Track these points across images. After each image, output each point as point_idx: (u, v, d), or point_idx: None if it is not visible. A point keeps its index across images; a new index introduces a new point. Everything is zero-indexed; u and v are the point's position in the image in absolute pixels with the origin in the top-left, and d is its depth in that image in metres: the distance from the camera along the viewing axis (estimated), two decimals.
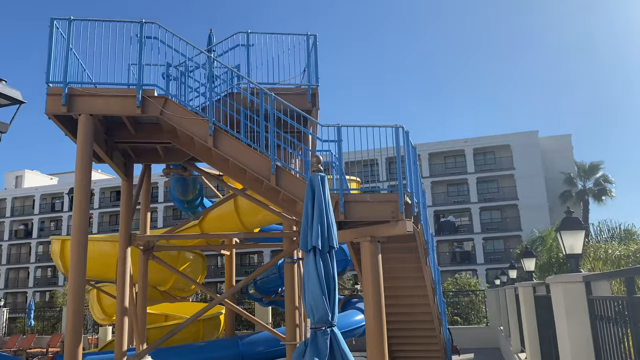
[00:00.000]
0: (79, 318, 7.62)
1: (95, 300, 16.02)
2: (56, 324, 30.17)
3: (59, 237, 14.72)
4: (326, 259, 3.38)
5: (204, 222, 14.80)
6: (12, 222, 63.38)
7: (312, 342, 3.28)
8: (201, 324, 16.28)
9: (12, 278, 62.03)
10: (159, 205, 57.22)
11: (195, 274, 15.14)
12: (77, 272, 7.73)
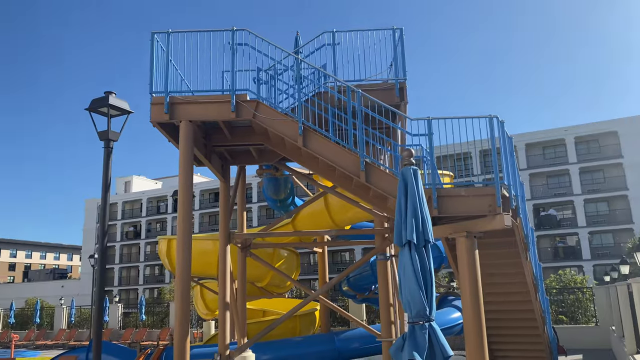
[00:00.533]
0: (186, 312, 8.12)
1: (198, 296, 16.96)
2: (164, 318, 32.37)
3: (165, 237, 15.75)
4: (422, 253, 3.34)
5: (296, 220, 15.17)
6: (122, 225, 68.82)
7: (410, 337, 3.25)
8: (297, 320, 16.69)
9: (125, 276, 67.39)
10: (253, 206, 59.39)
11: (290, 271, 15.54)
12: (184, 269, 8.24)
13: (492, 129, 7.76)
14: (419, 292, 3.22)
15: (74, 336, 31.06)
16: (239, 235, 11.59)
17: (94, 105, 6.92)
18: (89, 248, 65.18)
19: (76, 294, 50.92)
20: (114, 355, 14.10)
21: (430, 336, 3.22)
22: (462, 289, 8.39)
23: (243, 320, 12.02)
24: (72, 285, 66.69)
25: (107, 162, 7.21)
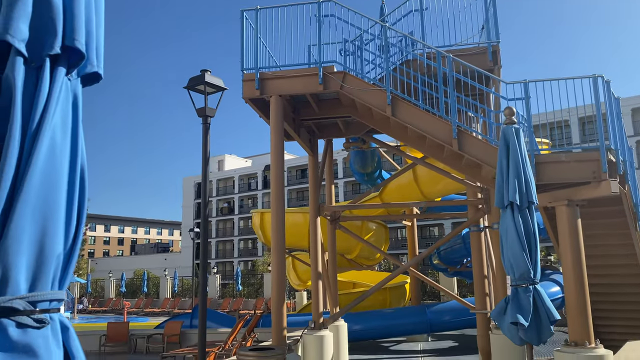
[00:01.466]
0: (282, 280, 8.45)
1: (290, 267, 17.54)
2: (259, 289, 33.90)
3: (258, 211, 16.38)
4: (525, 215, 3.22)
5: (384, 193, 15.13)
6: (217, 201, 72.37)
7: (514, 299, 3.17)
8: (388, 293, 16.78)
9: (221, 249, 71.11)
10: (339, 181, 59.90)
11: (379, 243, 15.60)
12: (278, 239, 8.55)
13: (596, 89, 7.20)
14: (522, 254, 3.12)
15: (178, 304, 33.42)
16: (328, 207, 11.77)
17: (192, 83, 7.28)
18: (188, 223, 69.38)
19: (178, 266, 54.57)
20: (215, 322, 15.03)
21: (535, 299, 3.12)
22: (563, 261, 7.98)
23: (335, 290, 12.29)
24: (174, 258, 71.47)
25: (205, 136, 7.59)
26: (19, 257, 0.96)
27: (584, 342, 7.65)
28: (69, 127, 1.09)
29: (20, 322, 0.96)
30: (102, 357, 12.86)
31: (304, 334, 9.92)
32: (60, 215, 1.05)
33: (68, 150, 1.08)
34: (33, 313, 0.98)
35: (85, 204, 1.11)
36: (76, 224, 1.09)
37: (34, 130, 1.02)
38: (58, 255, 1.02)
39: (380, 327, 14.33)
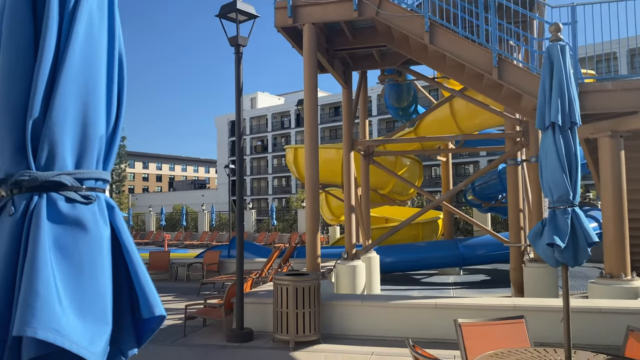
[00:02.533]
0: (316, 209, 8.58)
1: (324, 203, 17.76)
2: (293, 224, 34.67)
3: (292, 146, 16.43)
4: (567, 136, 3.11)
5: (419, 128, 14.90)
6: (251, 139, 72.96)
7: (551, 221, 3.12)
8: (420, 228, 16.90)
9: (256, 187, 72.43)
10: (373, 119, 59.23)
11: (413, 179, 15.54)
12: (312, 173, 8.61)
13: None
14: (562, 176, 3.04)
15: (216, 237, 34.60)
16: (362, 142, 11.71)
17: (224, 11, 7.14)
18: (223, 161, 70.49)
19: (214, 202, 55.97)
20: (252, 252, 15.52)
21: (573, 221, 3.07)
22: (603, 193, 7.80)
23: (367, 224, 12.44)
24: (210, 194, 73.28)
25: (238, 66, 7.53)
26: (64, 135, 0.98)
27: (619, 274, 7.60)
28: (105, 9, 1.08)
29: (68, 197, 1.00)
30: None
31: (337, 264, 10.18)
32: (100, 98, 1.07)
33: (106, 33, 1.08)
34: (80, 190, 1.02)
35: (125, 90, 1.12)
36: (117, 108, 1.11)
37: (71, 10, 1.02)
38: (101, 137, 1.05)
39: (412, 259, 14.54)
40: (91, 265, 0.98)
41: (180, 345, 7.15)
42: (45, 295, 0.91)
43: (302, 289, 6.91)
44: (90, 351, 0.93)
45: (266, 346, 6.99)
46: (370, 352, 6.53)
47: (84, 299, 0.95)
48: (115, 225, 1.06)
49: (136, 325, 1.07)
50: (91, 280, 0.97)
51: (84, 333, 0.93)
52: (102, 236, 1.01)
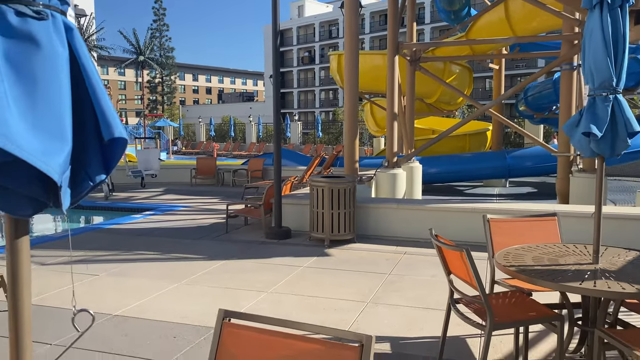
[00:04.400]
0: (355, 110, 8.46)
1: (369, 113, 17.47)
2: (338, 137, 34.63)
3: (336, 53, 15.98)
4: (616, 15, 2.80)
5: (471, 33, 14.04)
6: (298, 50, 71.48)
7: (589, 110, 2.91)
8: (467, 139, 16.49)
9: (302, 99, 71.99)
10: (426, 27, 56.44)
11: (462, 88, 14.91)
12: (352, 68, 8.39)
13: None
14: (605, 59, 2.78)
15: (263, 148, 35.18)
16: (408, 45, 11.20)
17: None
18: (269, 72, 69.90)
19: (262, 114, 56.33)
20: (294, 161, 15.72)
21: (614, 109, 2.85)
22: None
23: (411, 134, 12.21)
24: (258, 106, 73.60)
25: None
26: None
27: None
28: None
29: (18, 10, 0.97)
30: (193, 188, 14.10)
31: (377, 172, 10.17)
32: None
33: None
34: (31, 4, 0.98)
35: None
36: None
37: None
38: None
39: (457, 170, 14.34)
40: (45, 82, 0.96)
41: (223, 240, 7.51)
42: None
43: (337, 190, 6.97)
44: (44, 162, 0.94)
45: (303, 243, 7.23)
46: (403, 252, 6.64)
47: (37, 115, 0.94)
48: (74, 47, 1.03)
49: (103, 151, 1.06)
50: (46, 97, 0.96)
51: (37, 145, 0.93)
52: (58, 54, 0.99)
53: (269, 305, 4.74)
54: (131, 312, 4.59)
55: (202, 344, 3.87)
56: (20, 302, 1.09)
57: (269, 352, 1.83)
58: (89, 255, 6.66)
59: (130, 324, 4.31)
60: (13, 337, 1.08)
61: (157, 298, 4.97)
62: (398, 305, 4.72)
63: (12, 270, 1.07)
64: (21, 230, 1.10)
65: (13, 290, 1.07)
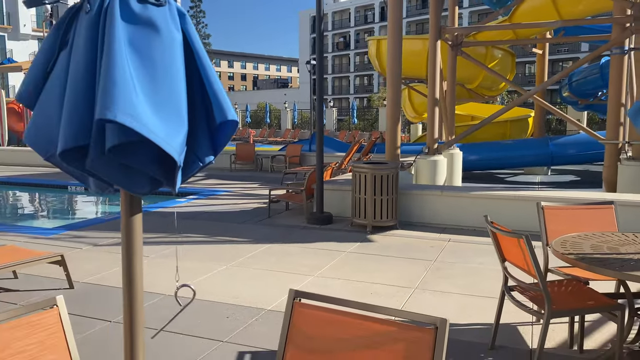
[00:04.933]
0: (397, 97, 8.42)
1: (407, 99, 17.29)
2: (374, 123, 34.46)
3: (374, 38, 15.83)
4: None
5: (514, 17, 13.66)
6: (333, 36, 71.07)
7: None
8: (508, 126, 16.14)
9: (337, 86, 71.71)
10: (464, 11, 55.19)
11: (504, 72, 14.58)
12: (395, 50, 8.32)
13: None
14: None
15: (298, 135, 35.31)
16: (450, 29, 11.01)
17: None
18: (304, 59, 69.81)
19: (297, 100, 56.46)
20: (332, 147, 15.74)
21: None
22: None
23: (451, 120, 12.05)
24: (293, 93, 73.72)
25: None
26: None
27: None
28: None
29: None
30: (232, 173, 14.32)
31: (417, 159, 10.09)
32: None
33: None
34: None
35: None
36: None
37: None
38: None
39: (497, 157, 14.08)
40: (164, 66, 1.01)
41: (266, 225, 7.62)
42: (123, 85, 0.96)
43: (380, 176, 6.97)
44: (167, 142, 0.99)
45: (345, 229, 7.27)
46: (447, 239, 6.61)
47: (158, 97, 0.99)
48: (187, 31, 1.07)
49: (211, 133, 1.11)
50: (165, 80, 1.01)
51: (160, 126, 0.98)
52: (174, 39, 1.03)
53: (316, 289, 4.80)
54: (184, 292, 4.73)
55: (255, 325, 3.97)
56: (134, 276, 1.15)
57: (343, 332, 1.87)
58: None
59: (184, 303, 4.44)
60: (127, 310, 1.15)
61: (208, 279, 5.11)
62: (446, 291, 4.72)
63: (127, 245, 1.13)
64: (136, 208, 1.16)
65: (128, 264, 1.14)
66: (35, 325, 1.88)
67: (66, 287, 4.83)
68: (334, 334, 1.89)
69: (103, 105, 0.93)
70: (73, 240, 6.73)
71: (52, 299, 1.95)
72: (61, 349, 1.91)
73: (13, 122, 23.99)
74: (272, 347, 3.61)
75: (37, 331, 1.88)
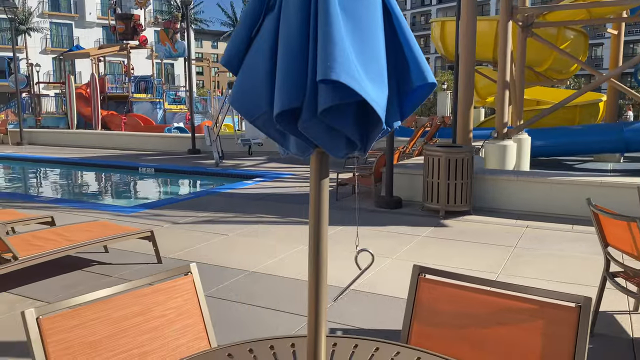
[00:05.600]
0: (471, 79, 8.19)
1: None
2: (431, 108, 33.87)
3: (438, 20, 15.48)
4: None
5: None
6: None
7: None
8: (577, 111, 15.46)
9: None
10: None
11: (576, 54, 13.93)
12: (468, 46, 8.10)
13: None
14: None
15: None
16: (522, 9, 10.61)
17: None
18: None
19: None
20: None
21: None
22: None
23: (520, 103, 11.66)
24: None
25: None
26: None
27: None
28: None
29: None
30: (293, 157, 14.43)
31: (485, 144, 9.83)
32: None
33: None
34: None
35: None
36: None
37: None
38: None
39: (566, 143, 13.53)
40: (368, 25, 1.01)
41: (335, 208, 7.66)
42: (341, 45, 0.97)
43: (454, 160, 6.84)
44: (377, 104, 1.00)
45: (415, 213, 7.21)
46: (525, 225, 6.43)
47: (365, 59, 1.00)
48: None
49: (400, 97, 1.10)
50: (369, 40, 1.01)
51: (370, 87, 0.99)
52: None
53: (397, 271, 4.80)
54: (267, 269, 4.85)
55: (342, 303, 4.02)
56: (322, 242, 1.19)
57: (472, 308, 1.86)
58: (214, 216, 7.08)
59: (269, 280, 4.55)
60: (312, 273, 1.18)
61: (288, 258, 5.20)
62: (531, 277, 4.61)
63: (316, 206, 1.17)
64: (324, 172, 1.19)
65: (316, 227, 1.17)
66: (173, 291, 1.97)
67: (154, 262, 5.05)
68: (463, 310, 1.88)
69: (326, 66, 0.95)
70: (153, 218, 7.01)
71: (187, 266, 2.04)
72: (196, 315, 2.00)
73: (81, 106, 25.16)
74: (363, 325, 3.64)
75: (175, 296, 1.97)
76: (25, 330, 1.61)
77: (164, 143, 17.14)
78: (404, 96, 1.10)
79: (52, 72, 45.59)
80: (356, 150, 1.13)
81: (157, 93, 28.07)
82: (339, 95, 0.99)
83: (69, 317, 1.70)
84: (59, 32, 47.95)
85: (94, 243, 4.64)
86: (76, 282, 4.54)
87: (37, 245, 4.37)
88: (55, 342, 1.64)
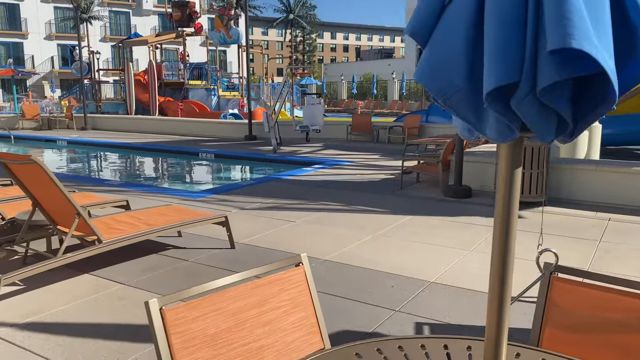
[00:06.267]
0: None
1: None
2: None
3: None
4: None
5: None
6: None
7: None
8: None
9: None
10: None
11: None
12: None
13: None
14: None
15: (405, 106, 34.62)
16: None
17: None
18: None
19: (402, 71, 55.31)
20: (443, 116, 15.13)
21: None
22: None
23: None
24: (397, 63, 72.27)
25: None
26: None
27: None
28: None
29: None
30: (349, 144, 14.31)
31: None
32: None
33: None
34: None
35: None
36: None
37: None
38: None
39: (637, 131, 12.76)
40: None
41: (400, 196, 7.50)
42: (578, 7, 0.83)
43: (530, 148, 6.53)
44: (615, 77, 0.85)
45: (487, 203, 6.95)
46: (607, 218, 6.07)
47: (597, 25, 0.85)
48: None
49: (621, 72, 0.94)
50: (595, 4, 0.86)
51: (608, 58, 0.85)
52: None
53: (479, 264, 4.62)
54: (339, 258, 4.77)
55: (424, 296, 3.89)
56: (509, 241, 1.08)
57: (620, 313, 1.69)
58: (279, 202, 7.07)
59: (343, 269, 4.47)
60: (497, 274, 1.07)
61: (359, 247, 5.10)
62: (623, 274, 4.32)
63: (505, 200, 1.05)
64: (517, 160, 1.07)
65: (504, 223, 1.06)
66: (287, 282, 1.90)
67: (228, 247, 5.06)
68: (606, 314, 1.72)
69: (562, 33, 0.81)
70: (220, 203, 7.07)
71: (298, 256, 1.96)
72: (309, 307, 1.92)
73: (139, 92, 25.84)
74: (442, 319, 3.50)
75: (289, 287, 1.89)
76: (149, 319, 1.57)
77: (220, 129, 17.37)
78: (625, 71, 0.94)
79: (110, 59, 47.09)
80: (563, 134, 0.98)
81: (211, 80, 28.46)
82: (569, 68, 0.85)
83: (191, 308, 1.64)
84: (117, 21, 49.40)
85: (172, 228, 4.69)
86: (154, 265, 4.60)
87: (118, 229, 4.45)
88: (178, 333, 1.59)
